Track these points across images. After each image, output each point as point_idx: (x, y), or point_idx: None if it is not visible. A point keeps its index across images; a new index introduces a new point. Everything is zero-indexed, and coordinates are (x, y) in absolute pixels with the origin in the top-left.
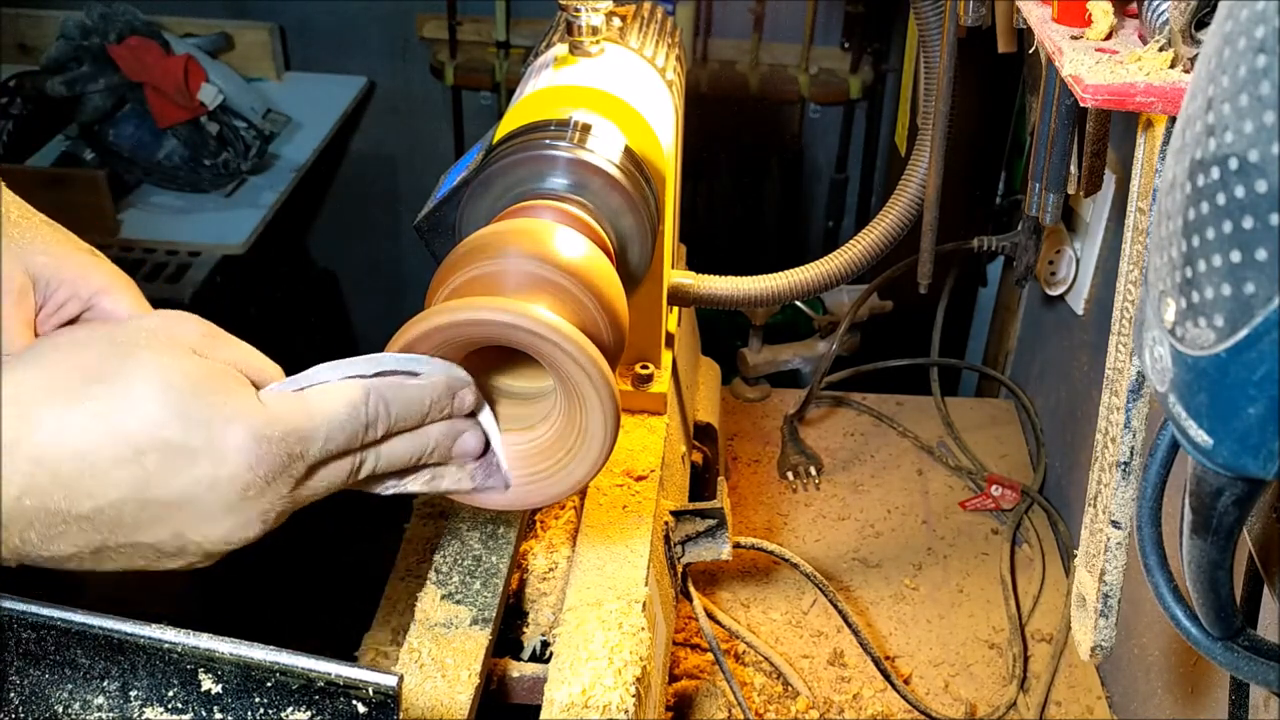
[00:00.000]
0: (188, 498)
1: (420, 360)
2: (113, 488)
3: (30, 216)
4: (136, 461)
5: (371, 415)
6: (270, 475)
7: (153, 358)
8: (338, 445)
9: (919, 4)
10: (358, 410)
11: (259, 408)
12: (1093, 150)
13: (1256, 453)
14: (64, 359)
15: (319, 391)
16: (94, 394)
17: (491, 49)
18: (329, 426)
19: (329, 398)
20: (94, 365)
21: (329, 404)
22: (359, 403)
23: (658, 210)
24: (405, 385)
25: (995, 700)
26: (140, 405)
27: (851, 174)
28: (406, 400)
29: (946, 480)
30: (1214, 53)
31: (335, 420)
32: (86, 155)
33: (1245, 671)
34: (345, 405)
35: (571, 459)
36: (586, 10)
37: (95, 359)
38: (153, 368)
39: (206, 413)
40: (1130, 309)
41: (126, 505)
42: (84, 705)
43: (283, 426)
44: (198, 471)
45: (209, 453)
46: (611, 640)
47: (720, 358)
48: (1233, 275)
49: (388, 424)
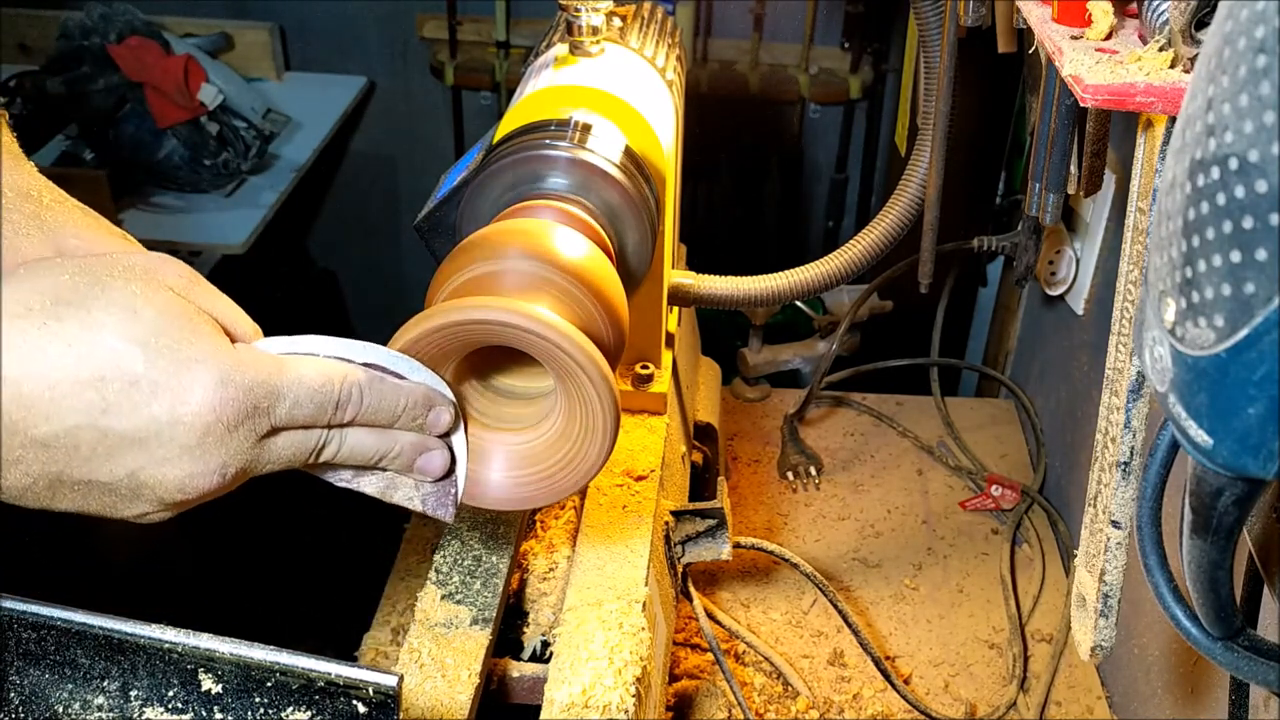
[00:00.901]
0: (146, 432)
1: (412, 365)
2: (70, 413)
3: (63, 200)
4: (96, 388)
5: (344, 396)
6: (232, 422)
7: (125, 286)
8: (304, 414)
9: (919, 4)
10: (331, 386)
11: (229, 353)
12: (1093, 150)
13: (1256, 453)
14: (38, 281)
15: (297, 358)
16: (61, 315)
17: (491, 49)
18: (298, 390)
19: (305, 365)
20: (66, 289)
21: (303, 370)
22: (334, 380)
23: (658, 210)
24: (384, 381)
25: (995, 700)
26: (106, 332)
27: (851, 174)
28: (381, 394)
29: (946, 480)
30: (1214, 53)
31: (305, 386)
32: (86, 155)
33: (1245, 671)
34: (319, 377)
35: (572, 459)
36: (586, 10)
37: (68, 283)
38: (124, 297)
39: (173, 348)
40: (1130, 309)
41: (83, 432)
42: (84, 705)
43: (251, 375)
44: (158, 406)
45: (171, 388)
46: (612, 640)
47: (720, 358)
48: (1233, 275)
49: (357, 410)
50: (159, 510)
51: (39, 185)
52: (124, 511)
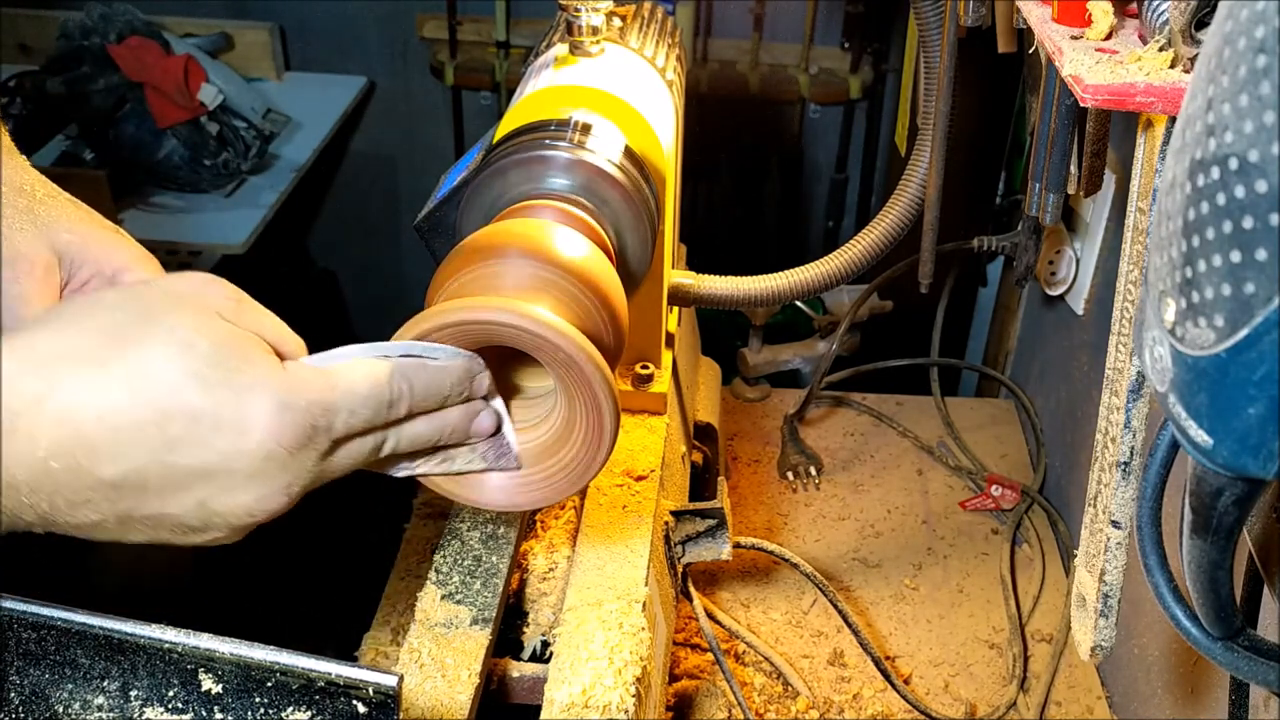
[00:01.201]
0: (211, 465)
1: (437, 348)
2: (136, 452)
3: (56, 195)
4: (159, 426)
5: (395, 393)
6: (294, 445)
7: (177, 321)
8: (361, 421)
9: (919, 4)
10: (381, 387)
11: (283, 376)
12: (1093, 150)
13: (1256, 453)
14: (88, 320)
15: (345, 366)
16: (118, 357)
17: (491, 49)
18: (353, 400)
19: (353, 372)
20: (118, 327)
21: (353, 378)
22: (383, 379)
23: (658, 210)
24: (428, 366)
25: (995, 700)
26: (164, 370)
27: (851, 174)
28: (429, 381)
29: (946, 480)
30: (1214, 53)
31: (358, 394)
32: (86, 155)
33: (1245, 671)
34: (369, 381)
35: (572, 459)
36: (586, 10)
37: (120, 321)
38: (177, 331)
39: (230, 379)
40: (1130, 309)
41: (150, 470)
42: (84, 705)
43: (307, 396)
44: (221, 438)
45: (233, 420)
46: (612, 640)
47: (720, 358)
48: (1233, 275)
49: (410, 403)
50: (229, 535)
51: (32, 180)
52: (194, 539)
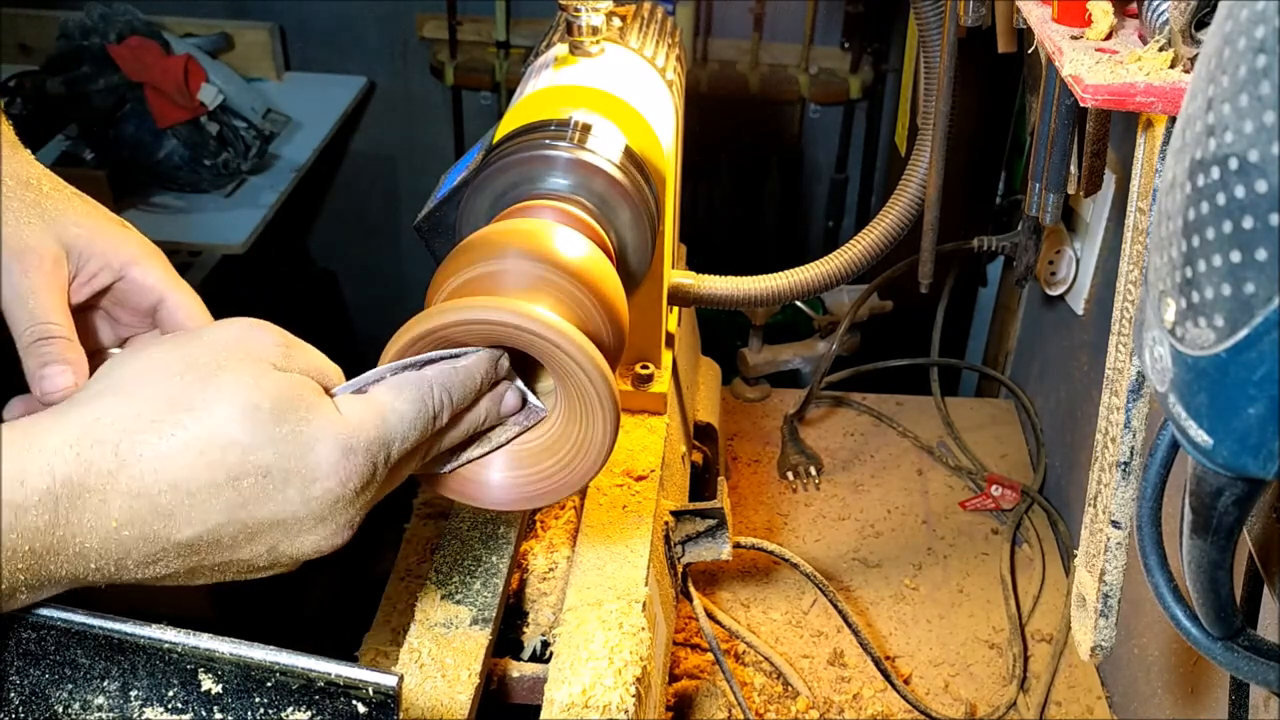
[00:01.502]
0: (282, 517)
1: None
2: (211, 514)
3: (62, 189)
4: (232, 487)
5: (438, 406)
6: (360, 485)
7: (234, 380)
8: (412, 443)
9: (919, 4)
10: (425, 405)
11: (342, 421)
12: (1093, 150)
13: (1256, 453)
14: (147, 386)
15: (385, 391)
16: (183, 424)
17: (491, 49)
18: (403, 427)
19: (397, 398)
20: (179, 393)
21: (399, 405)
22: (425, 397)
23: (658, 210)
24: (458, 368)
25: (995, 700)
26: (232, 432)
27: (851, 174)
28: (462, 383)
29: (946, 480)
30: (1214, 53)
31: (406, 419)
32: (86, 155)
33: (1245, 671)
34: (413, 403)
35: (572, 459)
36: (586, 10)
37: (179, 385)
38: (237, 390)
39: (296, 433)
40: (1130, 309)
41: (224, 530)
42: (84, 705)
43: (366, 437)
44: (291, 491)
45: (300, 472)
46: (612, 640)
47: (720, 358)
48: (1233, 275)
49: (451, 410)
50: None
51: (38, 174)
52: (259, 575)
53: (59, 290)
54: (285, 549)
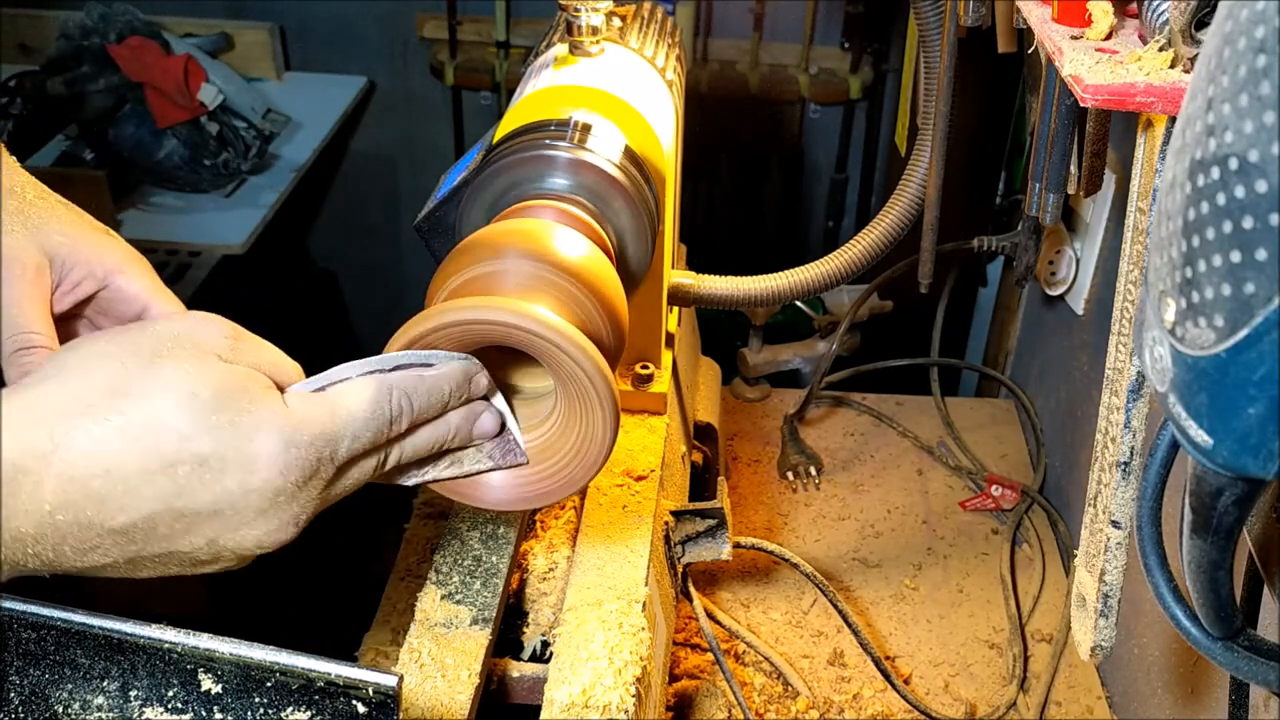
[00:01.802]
0: (220, 507)
1: (435, 354)
2: (145, 501)
3: (47, 197)
4: (167, 475)
5: (395, 410)
6: (301, 480)
7: (176, 367)
8: (364, 444)
9: (919, 4)
10: (381, 407)
11: (286, 413)
12: (1093, 150)
13: (1256, 453)
14: (88, 372)
15: (341, 390)
16: (120, 408)
17: (491, 49)
18: (354, 426)
19: (352, 397)
20: (118, 378)
21: (353, 403)
22: (382, 400)
23: (658, 210)
24: (424, 377)
25: (995, 700)
26: (167, 418)
27: (851, 174)
28: (427, 391)
29: (946, 480)
30: (1214, 53)
31: (359, 419)
32: (86, 155)
33: (1245, 671)
34: (368, 404)
35: (572, 459)
36: (586, 10)
37: (119, 371)
38: (179, 378)
39: (235, 422)
40: (1130, 309)
41: (159, 517)
42: (84, 705)
43: (310, 431)
44: (229, 481)
45: (239, 462)
46: (611, 640)
47: (720, 358)
48: (1233, 275)
49: (411, 417)
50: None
51: (22, 181)
52: (205, 570)
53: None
54: (227, 542)
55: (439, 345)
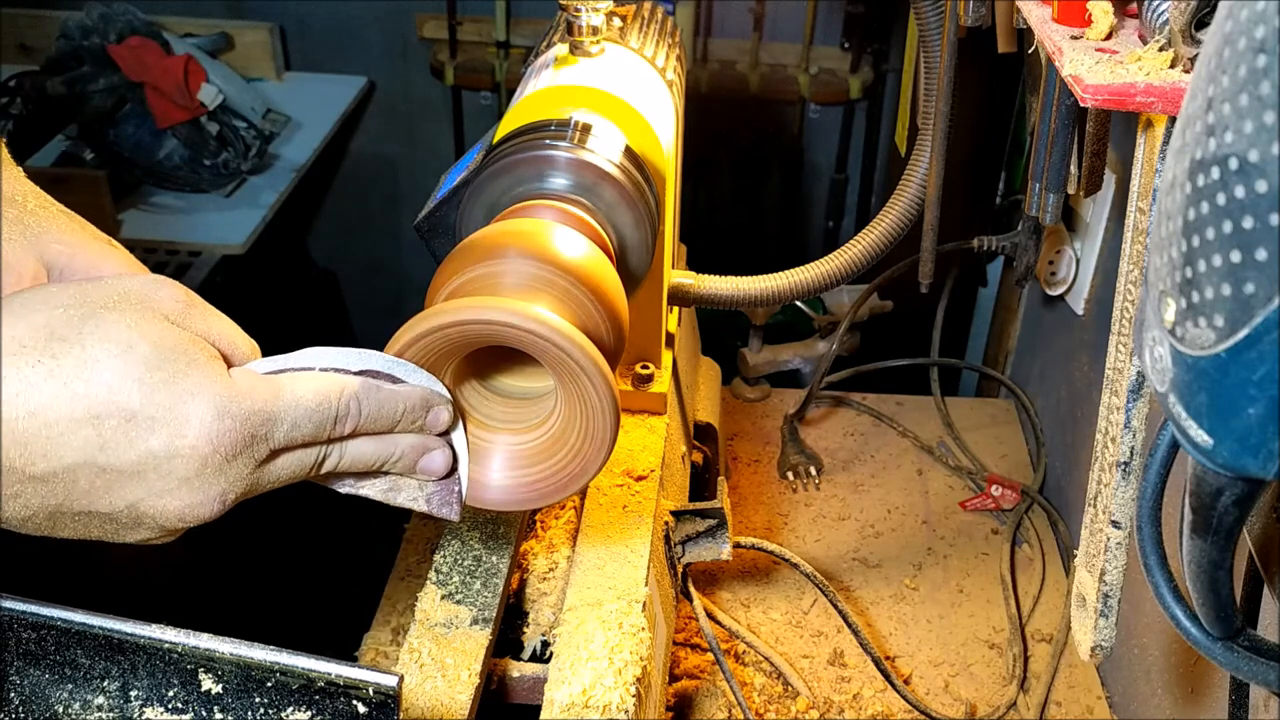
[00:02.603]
0: (144, 468)
1: (408, 368)
2: (68, 451)
3: (47, 205)
4: (93, 426)
5: (341, 410)
6: (230, 453)
7: (119, 319)
8: (303, 434)
9: (919, 4)
10: (328, 403)
11: (226, 383)
12: (1093, 150)
13: (1256, 453)
14: (29, 313)
15: (293, 377)
16: (54, 352)
17: (491, 49)
18: (295, 413)
19: (302, 385)
20: (60, 323)
21: (300, 391)
22: (331, 396)
23: (658, 210)
24: (381, 389)
25: (995, 700)
26: (101, 368)
27: (851, 174)
28: (379, 403)
29: (946, 480)
30: (1214, 53)
31: (302, 408)
32: (86, 155)
33: (1245, 671)
34: (316, 396)
35: (572, 459)
36: (587, 10)
37: (62, 317)
38: (119, 330)
39: (169, 381)
40: (1130, 309)
41: (80, 470)
42: (84, 705)
43: (248, 405)
44: (155, 441)
45: (168, 423)
46: (612, 640)
47: (720, 358)
48: (1233, 275)
49: (356, 423)
50: (161, 536)
51: (23, 190)
52: (126, 538)
53: None
54: (147, 509)
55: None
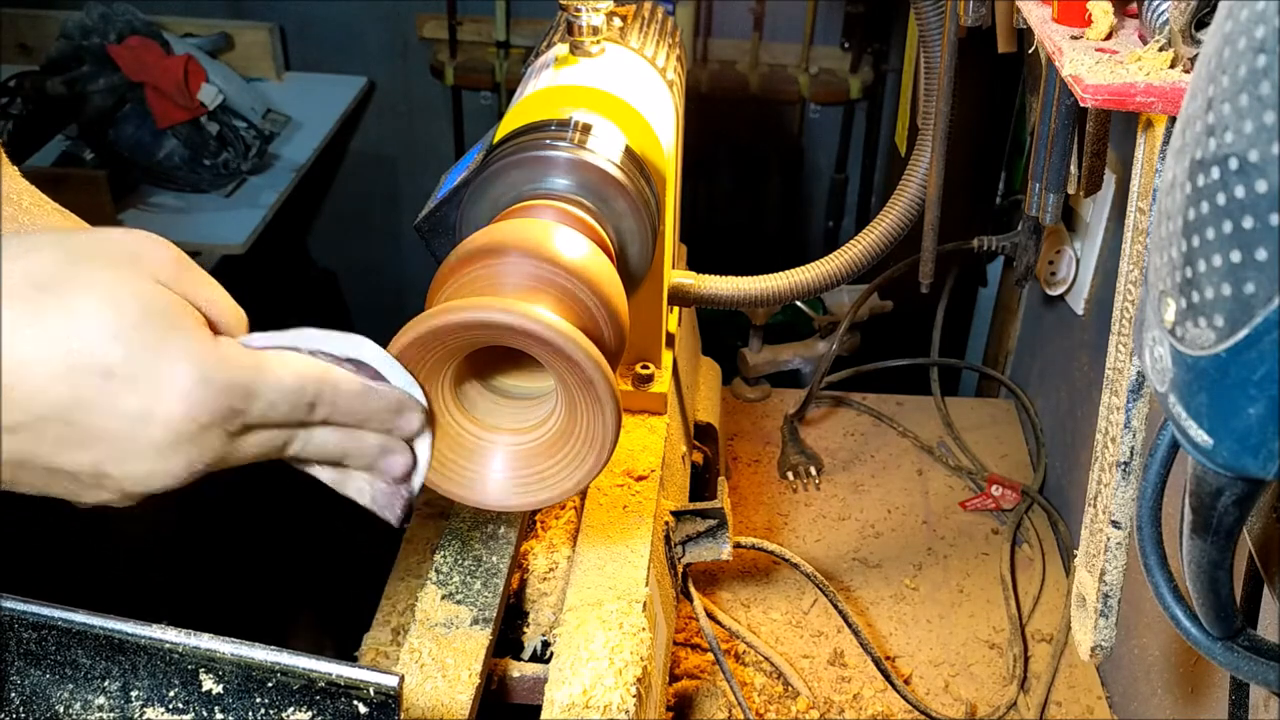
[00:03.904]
0: (115, 427)
1: (394, 366)
2: (39, 403)
3: (42, 204)
4: (70, 380)
5: (315, 396)
6: (206, 422)
7: (107, 275)
8: (278, 415)
9: (919, 4)
10: (307, 386)
11: (211, 349)
12: (1093, 150)
13: (1256, 453)
14: (16, 259)
15: (277, 355)
16: (38, 301)
17: (491, 49)
18: (276, 391)
19: (283, 365)
20: (45, 271)
21: (281, 370)
22: (310, 380)
23: (658, 210)
24: (358, 383)
25: (995, 700)
26: (84, 322)
27: (851, 174)
28: (353, 397)
29: (946, 480)
30: (1214, 53)
31: (283, 386)
32: (86, 155)
33: (1245, 671)
34: (296, 378)
35: (572, 459)
36: (587, 10)
37: (49, 264)
38: (105, 285)
39: (152, 343)
40: (1130, 309)
41: (50, 424)
42: (85, 705)
43: (229, 375)
44: (131, 401)
45: (147, 385)
46: (612, 640)
47: (720, 358)
48: (1233, 275)
49: (328, 412)
50: (120, 499)
51: (19, 189)
52: (85, 498)
53: None
54: (113, 470)
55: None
